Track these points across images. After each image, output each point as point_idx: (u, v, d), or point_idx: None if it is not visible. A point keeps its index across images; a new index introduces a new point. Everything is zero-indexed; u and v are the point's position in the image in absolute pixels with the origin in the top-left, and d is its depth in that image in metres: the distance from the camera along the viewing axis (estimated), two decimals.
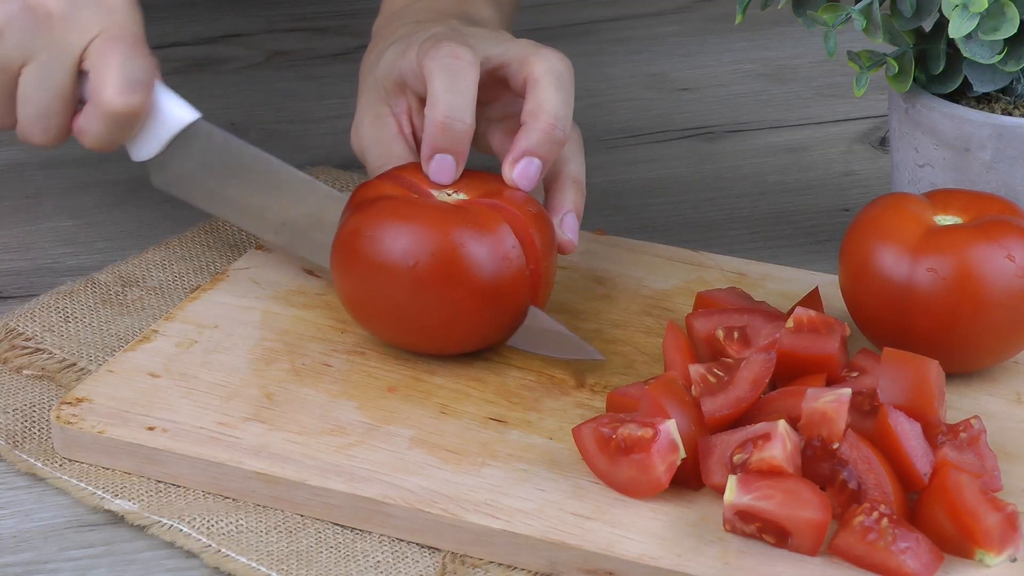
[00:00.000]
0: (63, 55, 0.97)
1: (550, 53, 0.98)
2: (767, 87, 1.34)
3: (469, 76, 0.96)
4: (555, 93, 0.97)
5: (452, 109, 0.95)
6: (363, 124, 1.02)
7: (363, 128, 1.02)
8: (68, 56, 0.97)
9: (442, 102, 0.95)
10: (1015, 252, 0.91)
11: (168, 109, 1.00)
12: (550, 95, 0.96)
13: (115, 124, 0.98)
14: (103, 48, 0.96)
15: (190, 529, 0.87)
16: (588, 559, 0.84)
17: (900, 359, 0.87)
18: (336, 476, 0.88)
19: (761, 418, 0.87)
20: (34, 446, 0.93)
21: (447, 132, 0.95)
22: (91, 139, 0.99)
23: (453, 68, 0.95)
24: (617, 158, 1.24)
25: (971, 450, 0.86)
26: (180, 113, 1.01)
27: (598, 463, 0.87)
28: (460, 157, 0.96)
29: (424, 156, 0.96)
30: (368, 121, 1.02)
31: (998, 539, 0.82)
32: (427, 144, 0.96)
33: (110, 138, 0.99)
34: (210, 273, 1.07)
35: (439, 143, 0.95)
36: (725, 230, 1.15)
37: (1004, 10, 0.97)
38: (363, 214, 0.94)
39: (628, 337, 0.99)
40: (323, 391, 0.94)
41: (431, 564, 0.86)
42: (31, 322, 1.02)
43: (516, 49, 0.98)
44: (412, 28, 1.03)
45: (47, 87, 0.97)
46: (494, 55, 0.98)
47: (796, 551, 0.83)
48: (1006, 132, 1.01)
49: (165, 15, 1.43)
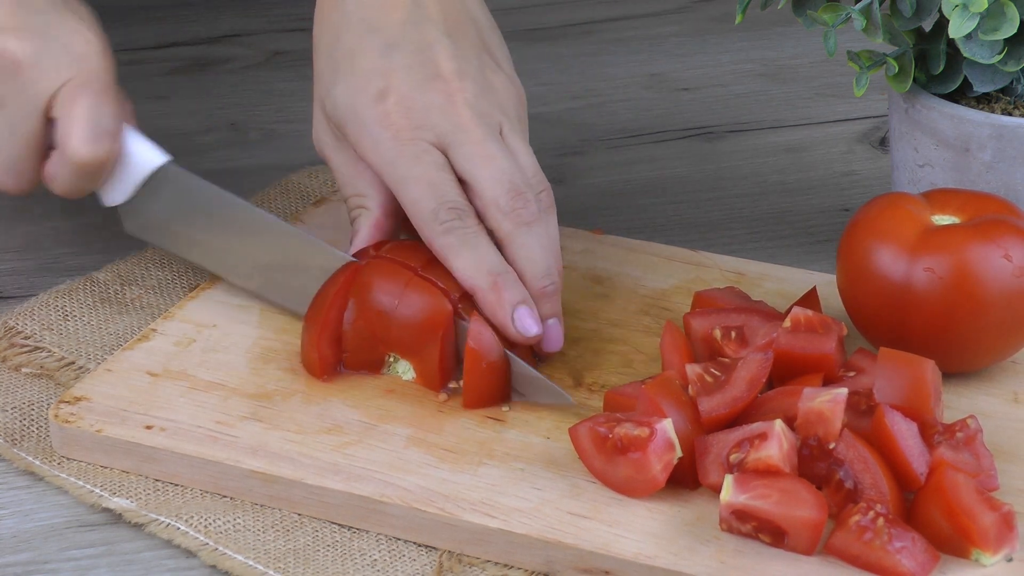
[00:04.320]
0: (31, 103, 0.96)
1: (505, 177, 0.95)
2: (767, 87, 1.34)
3: (481, 241, 0.94)
4: (536, 245, 0.95)
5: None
6: (324, 140, 1.00)
7: (326, 147, 1.00)
8: (36, 103, 0.96)
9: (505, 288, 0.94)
10: (1012, 251, 0.91)
11: (137, 153, 0.99)
12: (532, 253, 0.95)
13: (82, 173, 0.97)
14: (71, 96, 0.95)
15: (188, 527, 0.87)
16: (584, 558, 0.84)
17: (897, 359, 0.87)
18: (333, 475, 0.88)
19: (758, 417, 0.87)
20: (32, 444, 0.93)
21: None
22: (59, 186, 0.98)
23: (467, 240, 0.94)
24: (617, 158, 1.24)
25: (967, 450, 0.86)
26: (149, 157, 1.00)
27: (595, 462, 0.87)
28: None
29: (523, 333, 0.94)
30: (330, 140, 0.99)
31: (994, 539, 0.82)
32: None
33: (78, 186, 0.98)
34: (209, 272, 1.07)
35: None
36: (725, 230, 1.15)
37: (1004, 10, 0.97)
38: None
39: (626, 336, 0.99)
40: (321, 390, 0.94)
41: (428, 563, 0.86)
42: (30, 320, 1.02)
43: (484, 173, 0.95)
44: (362, 44, 0.98)
45: (16, 135, 0.97)
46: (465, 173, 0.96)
47: (792, 550, 0.83)
48: (1006, 132, 1.01)
49: (165, 15, 1.44)
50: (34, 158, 0.98)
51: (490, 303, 0.93)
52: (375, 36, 0.98)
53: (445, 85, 0.96)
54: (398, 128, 0.95)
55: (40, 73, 0.96)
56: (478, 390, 0.92)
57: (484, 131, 0.95)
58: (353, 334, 0.95)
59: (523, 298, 0.93)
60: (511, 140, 0.97)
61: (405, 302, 0.93)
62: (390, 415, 0.92)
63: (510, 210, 0.94)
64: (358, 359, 0.95)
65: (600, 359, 0.97)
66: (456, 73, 0.97)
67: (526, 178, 0.95)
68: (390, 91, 0.96)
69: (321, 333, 0.94)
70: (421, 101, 0.96)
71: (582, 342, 0.99)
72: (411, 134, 0.95)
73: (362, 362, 0.95)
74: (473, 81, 0.97)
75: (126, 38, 1.40)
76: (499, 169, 0.94)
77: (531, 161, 0.96)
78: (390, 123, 0.96)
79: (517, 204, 0.94)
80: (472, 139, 0.95)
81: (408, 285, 0.93)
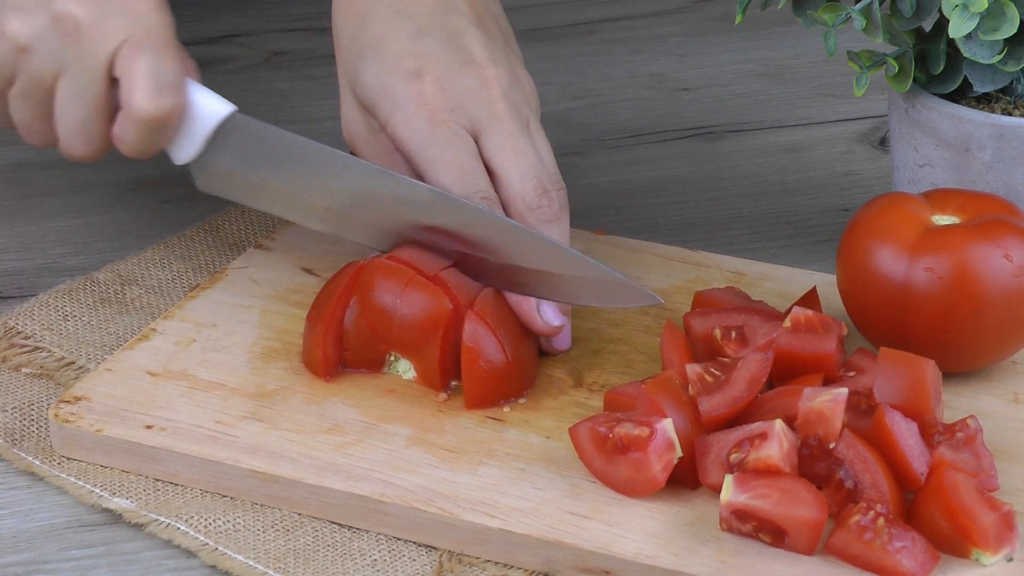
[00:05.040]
0: (93, 65, 0.95)
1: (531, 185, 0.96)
2: (767, 87, 1.34)
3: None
4: (547, 234, 0.95)
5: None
6: (355, 131, 1.00)
7: (356, 138, 1.00)
8: (98, 65, 0.95)
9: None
10: (1012, 251, 0.91)
11: (202, 105, 0.98)
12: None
13: (148, 129, 0.96)
14: (131, 54, 0.95)
15: (187, 527, 0.87)
16: (585, 558, 0.84)
17: (897, 358, 0.87)
18: (333, 475, 0.88)
19: (758, 417, 0.87)
20: (33, 444, 0.93)
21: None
22: (128, 146, 0.97)
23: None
24: (617, 158, 1.24)
25: (967, 449, 0.86)
26: (215, 108, 0.98)
27: (595, 462, 0.87)
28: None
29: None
30: (360, 131, 1.00)
31: (994, 538, 0.82)
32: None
33: (146, 143, 0.97)
34: (209, 272, 1.07)
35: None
36: (725, 230, 1.15)
37: (1004, 10, 0.97)
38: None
39: (626, 336, 0.99)
40: (321, 390, 0.94)
41: (428, 563, 0.86)
42: (30, 320, 1.02)
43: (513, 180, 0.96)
44: (391, 29, 0.99)
45: (82, 98, 0.96)
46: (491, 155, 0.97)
47: (792, 550, 0.83)
48: (1006, 132, 1.01)
49: None
50: (101, 121, 0.97)
51: (515, 296, 0.94)
52: (405, 22, 0.99)
53: (480, 71, 0.97)
54: (433, 108, 0.96)
55: (100, 33, 0.95)
56: (477, 389, 0.92)
57: (516, 123, 0.97)
58: (355, 332, 0.95)
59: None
60: (536, 136, 0.98)
61: (406, 301, 0.93)
62: (390, 415, 0.92)
63: (536, 206, 0.95)
64: (359, 357, 0.95)
65: (600, 359, 0.97)
66: (490, 60, 0.98)
67: (549, 175, 0.96)
68: (424, 72, 0.97)
69: (326, 332, 0.94)
70: (457, 83, 0.97)
71: (582, 342, 0.99)
72: (446, 116, 0.96)
73: (363, 360, 0.95)
74: (505, 70, 0.98)
75: None
76: (528, 164, 0.95)
77: (552, 159, 0.98)
78: (424, 102, 0.96)
79: (542, 201, 0.95)
80: (505, 130, 0.96)
81: (410, 284, 0.93)
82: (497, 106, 0.97)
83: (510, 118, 0.96)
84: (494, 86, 0.97)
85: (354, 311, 0.95)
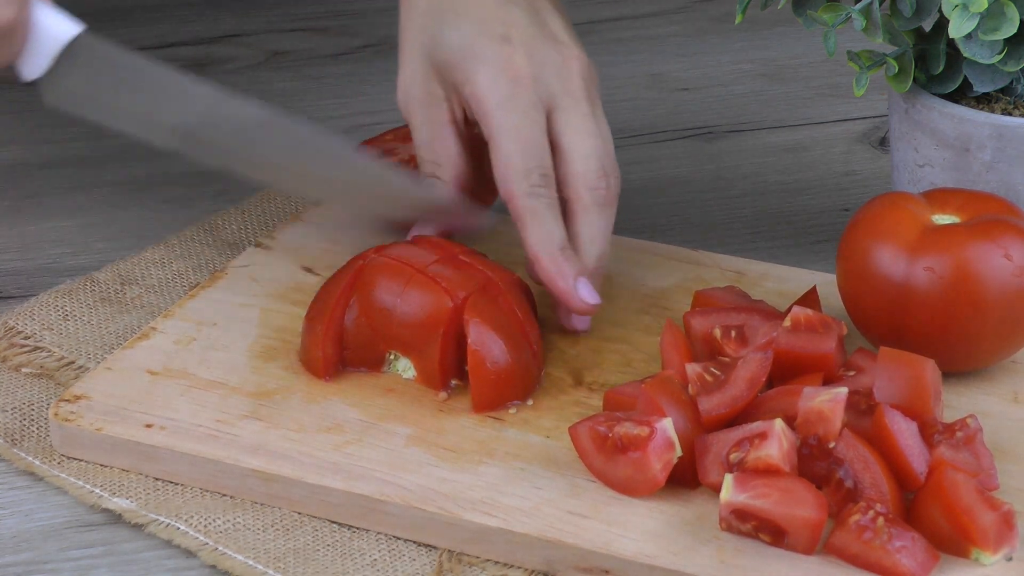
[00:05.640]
0: None
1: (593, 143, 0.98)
2: (767, 87, 1.34)
3: (557, 213, 0.97)
4: (603, 225, 0.98)
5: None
6: (412, 94, 1.01)
7: (412, 101, 1.01)
8: None
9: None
10: (1012, 251, 0.91)
11: (51, 24, 0.99)
12: (596, 232, 0.97)
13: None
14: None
15: (187, 527, 0.87)
16: (584, 557, 0.84)
17: (896, 358, 0.87)
18: (333, 474, 0.88)
19: (758, 417, 0.87)
20: (32, 444, 0.93)
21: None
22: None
23: (548, 209, 0.97)
24: (617, 158, 1.23)
25: (967, 449, 0.86)
26: (64, 27, 0.99)
27: (594, 461, 0.87)
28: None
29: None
30: (419, 94, 1.01)
31: (994, 538, 0.82)
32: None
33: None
34: (209, 271, 1.07)
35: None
36: (725, 230, 1.15)
37: (1004, 10, 0.97)
38: None
39: (626, 335, 0.99)
40: (321, 389, 0.94)
41: (428, 562, 0.86)
42: (30, 320, 1.02)
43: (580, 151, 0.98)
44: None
45: None
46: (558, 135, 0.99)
47: (792, 550, 0.83)
48: (1006, 132, 1.01)
49: (165, 15, 1.44)
50: None
51: (555, 272, 0.96)
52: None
53: (562, 48, 0.99)
54: (518, 73, 0.97)
55: None
56: (484, 392, 0.92)
57: (589, 105, 0.99)
58: (355, 331, 0.95)
59: (583, 270, 0.96)
60: (601, 121, 1.00)
61: (406, 299, 0.93)
62: (390, 414, 0.92)
63: (595, 187, 0.97)
64: (359, 356, 0.95)
65: (600, 358, 0.97)
66: (570, 39, 1.00)
67: (611, 160, 0.98)
68: (512, 37, 0.98)
69: (325, 332, 0.94)
70: (541, 54, 0.99)
71: (582, 341, 0.99)
72: (529, 83, 0.97)
73: (363, 359, 0.95)
74: (582, 51, 1.00)
75: (126, 38, 1.39)
76: (594, 146, 0.98)
77: (612, 146, 0.99)
78: (511, 65, 0.97)
79: (601, 183, 0.97)
80: (579, 110, 0.98)
81: (410, 282, 0.93)
82: (574, 83, 0.98)
83: (584, 99, 0.98)
84: (574, 64, 0.99)
85: (354, 310, 0.95)
